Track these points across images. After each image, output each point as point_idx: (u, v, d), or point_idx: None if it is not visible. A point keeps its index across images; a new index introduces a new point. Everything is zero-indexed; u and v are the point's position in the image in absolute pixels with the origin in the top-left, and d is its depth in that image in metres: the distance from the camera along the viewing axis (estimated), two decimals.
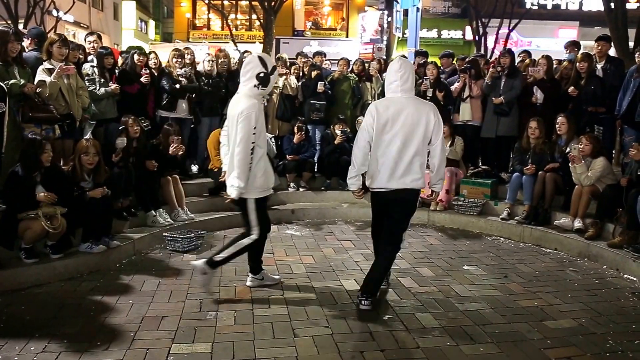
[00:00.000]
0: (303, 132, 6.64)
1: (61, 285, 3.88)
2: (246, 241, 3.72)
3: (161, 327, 3.24)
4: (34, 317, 3.35)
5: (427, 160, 3.66)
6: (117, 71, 5.84)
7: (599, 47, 5.96)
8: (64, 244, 4.10)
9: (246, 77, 3.55)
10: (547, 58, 6.25)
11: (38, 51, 4.92)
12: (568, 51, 6.97)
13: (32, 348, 2.94)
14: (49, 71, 4.61)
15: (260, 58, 3.55)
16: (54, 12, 17.88)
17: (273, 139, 6.57)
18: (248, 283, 3.96)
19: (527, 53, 7.38)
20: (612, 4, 11.80)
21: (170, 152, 5.37)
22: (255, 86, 3.52)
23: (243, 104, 3.49)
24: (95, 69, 5.48)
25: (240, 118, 3.44)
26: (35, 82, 4.51)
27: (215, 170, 6.13)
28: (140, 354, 2.90)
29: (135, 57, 5.88)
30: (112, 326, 3.24)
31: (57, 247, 4.05)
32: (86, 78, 5.36)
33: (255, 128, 3.46)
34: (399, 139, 3.42)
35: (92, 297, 3.67)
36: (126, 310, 3.46)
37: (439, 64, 7.59)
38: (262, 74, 3.49)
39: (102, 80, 5.48)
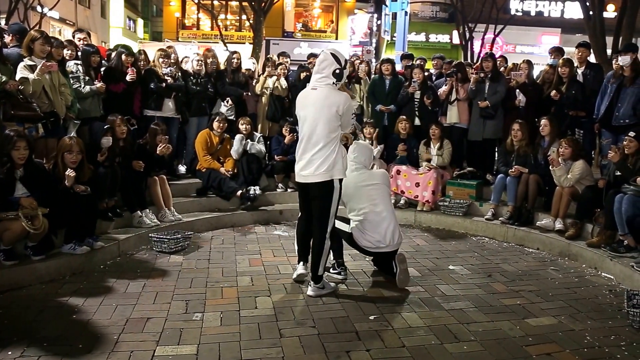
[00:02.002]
0: (295, 134, 6.63)
1: (42, 288, 3.82)
2: (327, 243, 3.79)
3: (146, 329, 3.21)
4: (13, 320, 3.28)
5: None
6: (102, 69, 5.78)
7: (579, 53, 6.14)
8: (45, 245, 4.02)
9: (322, 74, 3.67)
10: (528, 62, 6.38)
11: (20, 47, 4.84)
12: (552, 57, 7.12)
13: (10, 353, 2.88)
14: (31, 68, 4.55)
15: (333, 55, 3.67)
16: (38, 8, 17.47)
17: (261, 139, 6.58)
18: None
19: (504, 58, 7.51)
20: (591, 13, 12.11)
21: (157, 152, 5.34)
22: (333, 83, 3.67)
23: (339, 95, 3.67)
24: (80, 67, 5.43)
25: (346, 108, 3.65)
26: (17, 79, 4.45)
27: (203, 170, 6.13)
28: (123, 356, 2.87)
29: (123, 57, 5.82)
30: (94, 329, 3.20)
31: (39, 248, 3.98)
32: (70, 75, 5.31)
33: None
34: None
35: (75, 300, 3.62)
36: (110, 313, 3.42)
37: (430, 66, 7.68)
38: (337, 70, 3.65)
39: (87, 78, 5.43)
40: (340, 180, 3.78)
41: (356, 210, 4.12)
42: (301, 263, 4.06)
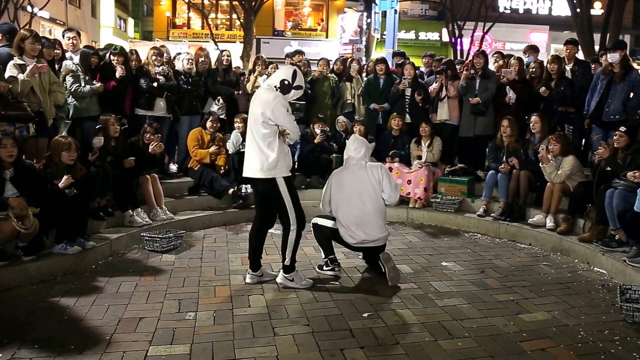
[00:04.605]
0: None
1: (33, 289, 3.77)
2: (292, 235, 3.84)
3: (138, 329, 3.18)
4: (3, 322, 3.23)
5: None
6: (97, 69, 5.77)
7: (568, 51, 6.18)
8: (36, 245, 3.97)
9: (272, 77, 3.86)
10: (519, 60, 6.41)
11: (10, 47, 4.80)
12: (527, 55, 7.16)
13: (0, 355, 2.84)
14: (20, 67, 4.51)
15: (294, 71, 3.81)
16: (29, 8, 17.37)
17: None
18: (247, 280, 3.99)
19: (501, 54, 7.53)
20: (578, 10, 12.25)
21: (149, 150, 5.31)
22: (275, 87, 3.74)
23: (268, 95, 3.74)
24: (79, 67, 5.42)
25: (274, 106, 3.66)
26: (6, 77, 4.40)
27: (195, 169, 6.09)
28: (116, 357, 2.85)
29: (113, 56, 5.79)
30: (86, 329, 3.16)
31: (29, 249, 3.93)
32: (71, 74, 5.32)
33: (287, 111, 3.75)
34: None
35: (66, 300, 3.58)
36: (102, 313, 3.39)
37: (421, 64, 7.69)
38: (285, 82, 3.75)
39: (87, 77, 5.44)
40: (286, 178, 3.78)
41: (343, 204, 4.11)
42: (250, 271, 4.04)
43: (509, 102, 6.27)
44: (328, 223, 4.23)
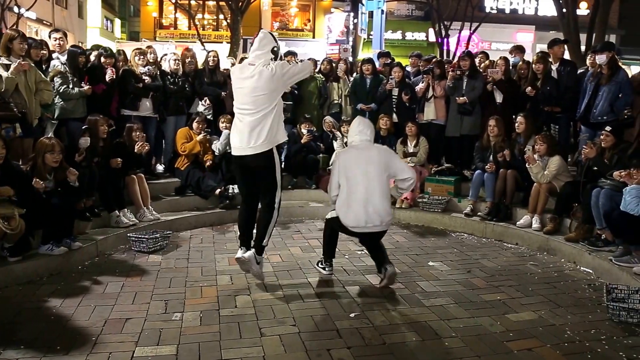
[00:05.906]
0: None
1: (19, 289, 3.73)
2: (275, 214, 3.90)
3: (125, 329, 3.16)
4: None
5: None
6: (85, 70, 5.71)
7: (561, 50, 6.18)
8: (22, 246, 3.93)
9: (263, 50, 3.82)
10: (505, 59, 6.46)
11: None
12: (513, 55, 7.22)
13: None
14: (6, 67, 4.49)
15: (271, 34, 3.89)
16: (15, 9, 17.22)
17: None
18: (238, 255, 3.93)
19: (485, 55, 7.58)
20: (564, 10, 12.37)
21: (135, 150, 5.28)
22: (271, 59, 3.79)
23: (269, 70, 3.73)
24: (67, 67, 5.37)
25: (277, 70, 3.72)
26: None
27: (182, 169, 6.06)
28: (102, 357, 2.83)
29: (102, 58, 5.76)
30: (73, 330, 3.14)
31: (15, 249, 3.89)
32: (60, 76, 5.27)
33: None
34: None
35: (52, 301, 3.55)
36: (88, 314, 3.36)
37: (407, 63, 7.73)
38: (275, 48, 3.82)
39: (75, 79, 5.39)
40: (278, 147, 3.86)
41: (350, 182, 3.95)
42: (243, 248, 4.01)
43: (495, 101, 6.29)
44: (331, 213, 4.12)
